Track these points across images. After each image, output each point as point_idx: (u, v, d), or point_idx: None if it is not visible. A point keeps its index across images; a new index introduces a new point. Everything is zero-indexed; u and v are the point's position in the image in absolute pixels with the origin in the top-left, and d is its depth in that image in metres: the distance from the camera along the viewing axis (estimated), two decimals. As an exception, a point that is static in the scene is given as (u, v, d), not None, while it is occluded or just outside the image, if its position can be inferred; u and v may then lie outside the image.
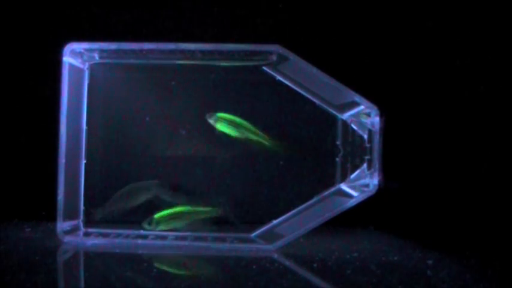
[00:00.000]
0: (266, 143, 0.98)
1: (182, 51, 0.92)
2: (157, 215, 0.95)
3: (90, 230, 0.95)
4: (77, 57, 0.94)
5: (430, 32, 1.11)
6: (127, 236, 0.93)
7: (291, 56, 0.90)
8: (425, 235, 1.03)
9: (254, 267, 0.80)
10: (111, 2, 1.11)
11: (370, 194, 0.88)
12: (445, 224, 1.07)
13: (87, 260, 0.86)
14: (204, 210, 0.97)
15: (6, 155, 1.10)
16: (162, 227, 0.94)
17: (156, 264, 0.81)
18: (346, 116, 0.97)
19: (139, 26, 1.11)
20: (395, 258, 0.85)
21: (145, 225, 0.94)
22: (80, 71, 0.96)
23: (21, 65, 1.11)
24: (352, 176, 0.96)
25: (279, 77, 0.96)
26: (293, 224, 0.94)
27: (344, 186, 0.97)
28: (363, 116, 0.92)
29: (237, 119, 0.97)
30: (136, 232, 0.94)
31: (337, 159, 0.99)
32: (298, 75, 0.95)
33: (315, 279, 0.76)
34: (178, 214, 0.96)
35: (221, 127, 0.97)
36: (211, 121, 0.97)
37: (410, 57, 1.11)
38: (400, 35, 1.11)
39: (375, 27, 1.11)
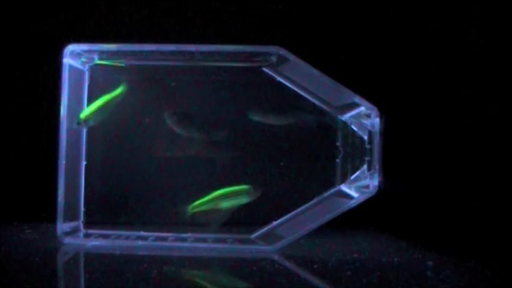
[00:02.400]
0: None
1: (182, 53, 0.92)
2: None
3: (90, 231, 0.95)
4: (77, 59, 0.94)
5: (430, 33, 1.11)
6: (127, 238, 0.93)
7: (291, 57, 0.90)
8: (426, 236, 1.03)
9: (254, 268, 0.80)
10: (112, 2, 1.12)
11: (370, 195, 0.88)
12: (445, 225, 1.07)
13: (88, 261, 0.86)
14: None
15: (6, 156, 1.10)
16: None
17: (157, 266, 0.81)
18: (346, 117, 0.97)
19: (140, 26, 1.12)
20: (396, 259, 0.85)
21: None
22: (80, 72, 0.96)
23: (21, 67, 1.11)
24: (352, 177, 0.96)
25: (279, 78, 0.96)
26: (293, 225, 0.94)
27: (344, 187, 0.97)
28: (363, 117, 0.92)
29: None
30: (136, 233, 0.94)
31: (337, 160, 0.99)
32: (298, 76, 0.95)
33: (315, 281, 0.76)
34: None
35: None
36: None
37: (410, 58, 1.11)
38: (400, 35, 1.11)
39: (374, 28, 1.11)
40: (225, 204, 0.96)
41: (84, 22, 1.11)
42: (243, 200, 0.97)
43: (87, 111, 0.94)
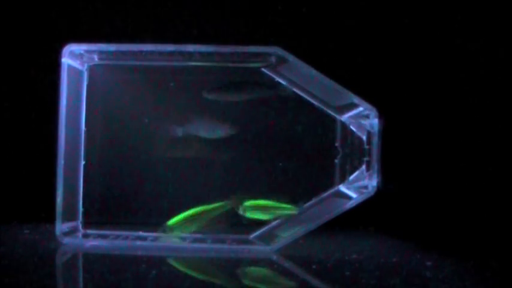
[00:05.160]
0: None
1: (181, 53, 0.92)
2: (170, 222, 0.93)
3: (89, 231, 0.95)
4: (76, 59, 0.94)
5: (429, 33, 1.11)
6: (126, 238, 0.93)
7: (290, 57, 0.90)
8: (424, 236, 1.03)
9: (253, 268, 0.80)
10: (110, 2, 1.12)
11: (369, 195, 0.89)
12: (444, 226, 1.07)
13: (86, 261, 0.86)
14: (216, 206, 0.94)
15: (5, 156, 1.10)
16: (177, 232, 0.92)
17: (155, 266, 0.81)
18: (345, 117, 0.97)
19: (138, 27, 1.12)
20: (394, 259, 0.85)
21: (160, 233, 0.92)
22: (79, 72, 0.96)
23: (20, 67, 1.11)
24: (351, 177, 0.96)
25: (278, 79, 0.97)
26: (292, 226, 0.94)
27: (343, 188, 0.97)
28: (362, 118, 0.93)
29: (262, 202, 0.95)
30: (135, 234, 0.94)
31: (336, 160, 0.99)
32: (297, 76, 0.95)
33: (314, 281, 0.76)
34: (192, 216, 0.93)
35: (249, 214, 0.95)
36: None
37: (409, 58, 1.11)
38: (399, 36, 1.11)
39: (373, 29, 1.11)
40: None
41: (83, 22, 1.11)
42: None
43: (175, 218, 0.93)
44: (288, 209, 0.93)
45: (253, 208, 0.94)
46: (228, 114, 1.00)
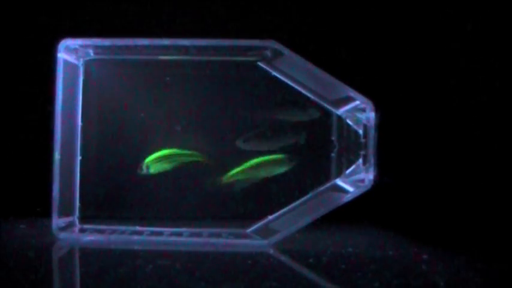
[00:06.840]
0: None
1: (177, 47, 0.92)
2: (147, 159, 0.97)
3: (85, 226, 0.95)
4: (71, 54, 0.94)
5: (425, 28, 1.11)
6: (122, 232, 0.93)
7: (286, 51, 0.90)
8: (421, 230, 1.03)
9: (249, 262, 0.80)
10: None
11: (365, 189, 0.89)
12: (440, 219, 1.07)
13: (83, 256, 0.86)
14: (188, 153, 0.98)
15: (1, 151, 1.10)
16: (152, 169, 0.97)
17: (152, 260, 0.81)
18: (341, 111, 0.97)
19: (134, 21, 1.11)
20: (390, 253, 0.86)
21: (139, 171, 0.97)
22: (75, 67, 0.96)
23: (15, 62, 1.11)
24: (348, 171, 0.96)
25: (274, 73, 0.96)
26: (288, 220, 0.94)
27: (339, 182, 0.97)
28: (358, 111, 0.92)
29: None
30: (131, 228, 0.94)
31: (333, 154, 0.99)
32: (293, 70, 0.95)
33: (310, 275, 0.76)
34: (165, 156, 0.97)
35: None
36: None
37: (405, 52, 1.11)
38: (395, 30, 1.11)
39: (370, 23, 1.11)
40: (262, 174, 0.98)
41: (79, 17, 1.11)
42: (280, 169, 0.98)
43: (150, 157, 0.98)
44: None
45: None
46: (224, 108, 1.00)
